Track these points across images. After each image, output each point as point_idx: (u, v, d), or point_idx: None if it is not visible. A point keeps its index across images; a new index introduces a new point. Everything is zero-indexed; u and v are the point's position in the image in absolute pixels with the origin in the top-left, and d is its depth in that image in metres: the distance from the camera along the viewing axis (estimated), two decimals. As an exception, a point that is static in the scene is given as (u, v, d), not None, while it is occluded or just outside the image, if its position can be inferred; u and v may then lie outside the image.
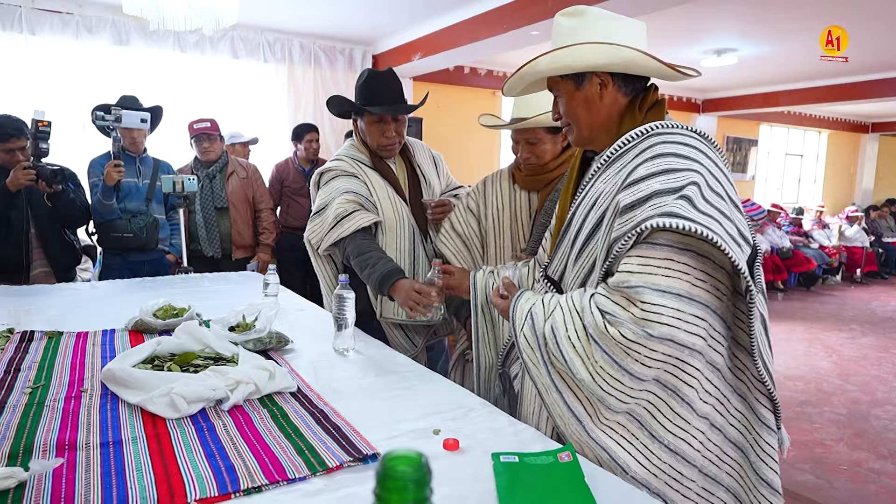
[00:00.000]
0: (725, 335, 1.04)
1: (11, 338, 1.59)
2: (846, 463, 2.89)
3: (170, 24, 2.68)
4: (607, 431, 1.04)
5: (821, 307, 6.52)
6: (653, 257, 0.98)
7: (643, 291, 0.96)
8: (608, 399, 1.01)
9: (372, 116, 1.91)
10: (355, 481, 0.91)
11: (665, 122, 1.10)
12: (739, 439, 1.07)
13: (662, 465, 1.02)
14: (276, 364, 1.29)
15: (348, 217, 1.86)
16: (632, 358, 0.97)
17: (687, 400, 1.01)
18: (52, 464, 0.91)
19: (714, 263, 0.99)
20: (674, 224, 0.93)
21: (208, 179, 3.37)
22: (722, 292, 1.01)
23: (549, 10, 3.55)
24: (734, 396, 1.06)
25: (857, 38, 4.64)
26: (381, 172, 1.98)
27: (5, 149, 2.52)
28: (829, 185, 10.65)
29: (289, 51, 4.95)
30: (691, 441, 1.02)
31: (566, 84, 1.20)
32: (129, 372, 1.21)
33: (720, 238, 0.93)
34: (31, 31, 3.93)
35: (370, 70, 1.96)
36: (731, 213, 1.01)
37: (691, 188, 0.97)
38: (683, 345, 0.96)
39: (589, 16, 1.17)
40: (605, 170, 1.14)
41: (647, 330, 0.95)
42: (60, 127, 2.72)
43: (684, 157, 1.02)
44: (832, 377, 4.14)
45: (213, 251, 3.36)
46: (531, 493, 0.88)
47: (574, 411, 1.06)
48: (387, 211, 1.92)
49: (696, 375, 1.00)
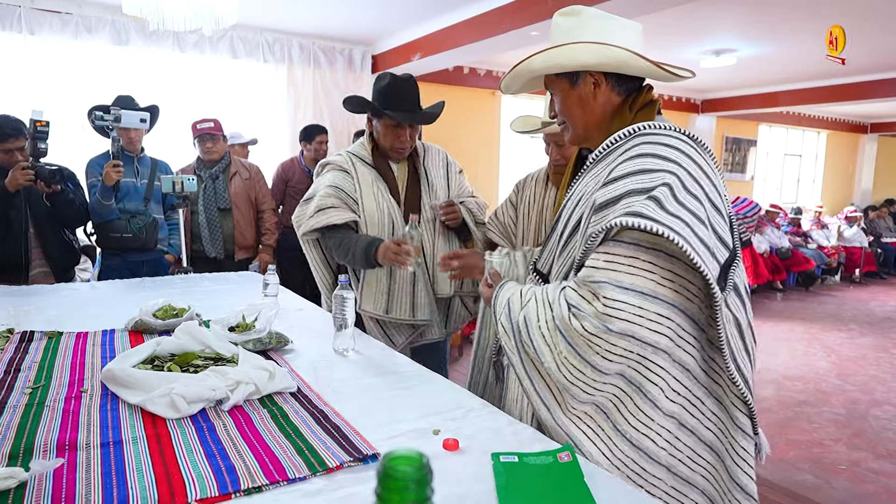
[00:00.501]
0: (697, 336, 1.04)
1: (11, 338, 1.59)
2: (845, 463, 2.89)
3: (169, 25, 2.68)
4: (574, 420, 1.07)
5: (820, 307, 6.52)
6: (618, 254, 1.00)
7: (605, 287, 0.99)
8: (572, 389, 1.05)
9: (389, 121, 1.97)
10: (355, 481, 0.91)
11: (653, 123, 1.11)
12: (714, 442, 1.07)
13: (625, 458, 1.04)
14: (275, 364, 1.29)
15: (323, 211, 1.97)
16: (593, 350, 1.00)
17: (650, 397, 1.03)
18: (53, 464, 0.91)
19: (684, 265, 1.00)
20: (637, 223, 0.95)
21: (211, 180, 3.36)
22: (693, 293, 1.02)
23: (549, 10, 3.55)
24: (710, 399, 1.06)
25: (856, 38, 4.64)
26: (379, 171, 2.05)
27: (4, 149, 2.52)
28: (827, 186, 10.66)
29: (288, 51, 4.95)
30: (655, 438, 1.03)
31: (561, 83, 1.22)
32: (129, 372, 1.21)
33: (682, 239, 0.94)
34: (30, 31, 3.92)
35: (392, 75, 2.02)
36: (710, 216, 1.02)
37: (662, 189, 0.98)
38: (645, 342, 0.98)
39: (585, 16, 1.18)
40: (592, 168, 1.17)
41: (607, 325, 0.98)
42: (59, 127, 2.71)
43: (662, 158, 1.03)
44: (831, 377, 4.15)
45: (215, 252, 3.36)
46: (531, 493, 0.89)
47: (543, 399, 1.10)
48: (368, 208, 2.00)
49: (661, 374, 1.02)
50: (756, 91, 7.61)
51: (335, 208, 1.97)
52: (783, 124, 9.54)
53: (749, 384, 1.05)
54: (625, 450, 1.04)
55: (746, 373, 1.06)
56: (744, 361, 1.06)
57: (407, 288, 2.02)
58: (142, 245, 2.89)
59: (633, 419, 1.04)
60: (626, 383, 1.03)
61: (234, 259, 3.40)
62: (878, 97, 6.70)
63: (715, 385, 1.07)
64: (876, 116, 10.12)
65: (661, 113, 1.22)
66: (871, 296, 7.27)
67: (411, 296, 2.02)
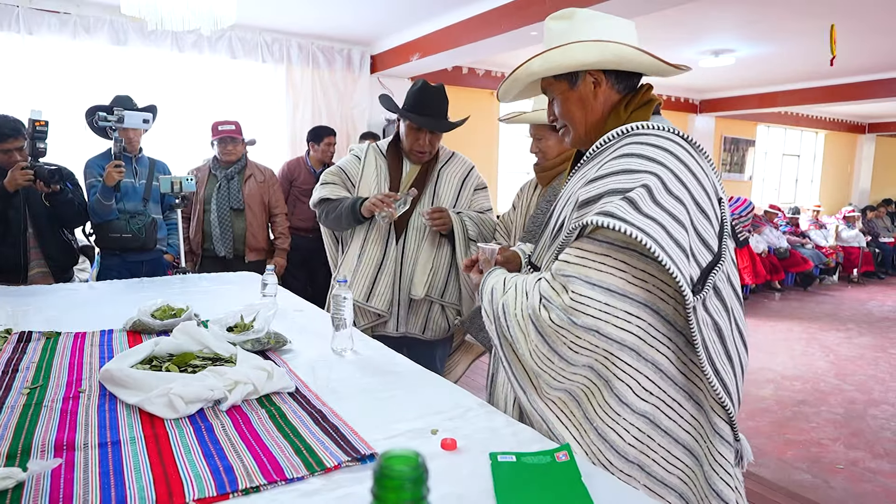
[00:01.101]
0: (672, 337, 1.04)
1: (9, 338, 1.59)
2: (843, 462, 2.90)
3: (168, 25, 2.68)
4: (549, 404, 1.10)
5: (818, 307, 6.54)
6: (590, 251, 1.02)
7: (574, 281, 1.00)
8: (543, 376, 1.08)
9: (412, 124, 2.09)
10: (353, 481, 0.91)
11: (646, 123, 1.10)
12: (693, 445, 1.06)
13: (594, 447, 1.06)
14: (274, 364, 1.29)
15: (323, 186, 2.22)
16: (560, 342, 1.03)
17: (617, 392, 1.04)
18: (51, 464, 0.91)
19: (658, 265, 0.99)
20: (606, 223, 0.96)
21: (226, 180, 3.39)
22: (668, 294, 1.02)
23: (548, 10, 3.54)
24: (689, 402, 1.06)
25: (854, 38, 4.66)
26: (389, 164, 2.18)
27: (3, 149, 2.52)
28: (826, 186, 10.68)
29: (287, 51, 4.95)
30: (622, 433, 1.04)
31: (560, 85, 1.22)
32: (127, 372, 1.21)
33: (651, 241, 0.94)
34: (28, 31, 3.92)
35: (425, 82, 2.13)
36: (693, 219, 1.01)
37: (639, 190, 0.98)
38: (611, 338, 1.00)
39: (578, 17, 1.18)
40: (582, 168, 1.17)
41: (573, 318, 1.00)
42: (57, 127, 2.71)
43: (647, 159, 1.03)
44: (829, 377, 4.15)
45: (225, 251, 3.38)
46: (529, 493, 0.89)
47: (521, 383, 1.14)
48: (363, 190, 2.16)
49: (629, 371, 1.03)
50: (754, 91, 7.63)
51: (333, 185, 2.19)
52: (781, 124, 9.56)
53: (729, 389, 1.04)
54: (593, 439, 1.06)
55: (727, 378, 1.04)
56: (724, 367, 1.05)
57: (369, 272, 2.11)
58: (141, 245, 2.89)
59: (601, 411, 1.05)
60: (595, 376, 1.05)
61: (243, 260, 3.42)
62: (876, 97, 6.72)
63: (695, 388, 1.06)
64: (874, 116, 10.14)
65: (660, 113, 1.21)
66: (868, 296, 7.29)
67: (371, 282, 2.11)
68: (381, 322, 2.18)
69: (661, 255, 0.94)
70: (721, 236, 1.07)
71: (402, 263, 2.13)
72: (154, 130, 3.06)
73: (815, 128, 10.04)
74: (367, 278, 2.11)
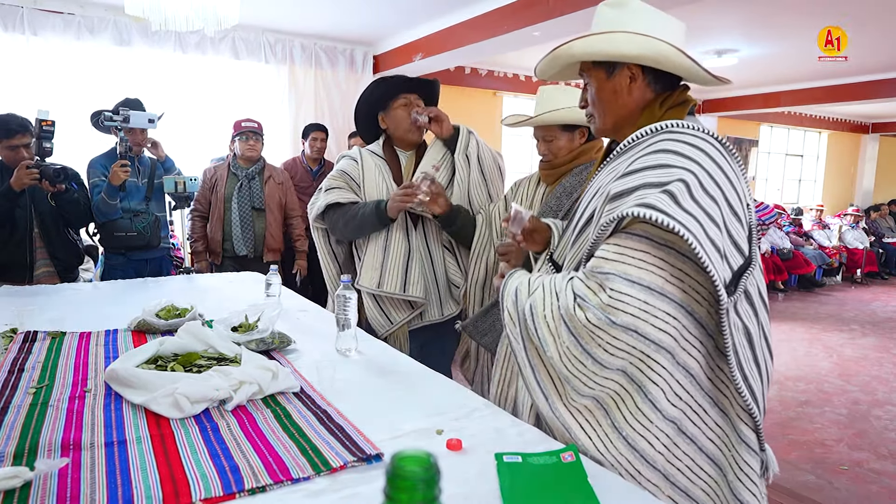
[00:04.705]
0: (703, 341, 1.01)
1: (15, 338, 1.59)
2: (847, 463, 2.89)
3: (171, 25, 2.69)
4: (572, 412, 1.05)
5: (821, 307, 6.52)
6: (629, 247, 0.98)
7: (613, 279, 0.96)
8: (573, 381, 1.02)
9: (399, 101, 2.10)
10: (359, 481, 0.91)
11: (680, 122, 1.08)
12: (717, 455, 1.03)
13: (620, 457, 1.01)
14: (278, 364, 1.29)
15: (329, 191, 2.15)
16: (595, 343, 0.98)
17: (651, 398, 1.00)
18: (58, 463, 0.91)
19: (694, 265, 0.97)
20: (649, 215, 0.92)
21: (247, 179, 3.44)
22: (702, 297, 0.99)
23: (551, 10, 3.55)
24: (714, 410, 1.03)
25: (857, 38, 4.65)
26: (386, 160, 2.18)
27: (10, 145, 2.53)
28: (829, 186, 10.65)
29: (290, 51, 4.95)
30: (652, 441, 1.00)
31: (598, 71, 1.19)
32: (132, 372, 1.21)
33: (692, 237, 0.91)
34: (32, 32, 3.93)
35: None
36: (725, 219, 0.99)
37: (677, 184, 0.95)
38: (648, 338, 0.96)
39: (631, 7, 1.16)
40: (612, 162, 1.14)
41: (611, 317, 0.95)
42: (61, 127, 2.72)
43: (682, 156, 1.00)
44: (833, 377, 4.14)
45: (246, 250, 3.41)
46: (534, 494, 0.89)
47: (543, 388, 1.07)
48: (369, 189, 2.13)
49: (663, 375, 0.99)
50: (757, 91, 7.61)
51: (340, 189, 2.14)
52: (784, 124, 9.53)
53: (756, 396, 1.01)
54: (621, 449, 1.01)
55: (754, 384, 1.02)
56: (752, 373, 1.03)
57: (399, 262, 2.08)
58: (146, 243, 2.91)
59: (632, 418, 1.01)
60: (627, 381, 1.01)
61: (262, 259, 3.44)
62: (880, 97, 6.70)
63: (720, 395, 1.04)
64: (877, 116, 10.11)
65: (694, 114, 1.18)
66: (872, 296, 7.27)
67: (403, 271, 2.08)
68: (418, 314, 2.13)
69: (701, 253, 0.91)
70: (750, 240, 1.05)
71: (430, 247, 2.13)
72: (157, 131, 3.07)
73: (818, 128, 10.02)
74: (399, 269, 2.08)
